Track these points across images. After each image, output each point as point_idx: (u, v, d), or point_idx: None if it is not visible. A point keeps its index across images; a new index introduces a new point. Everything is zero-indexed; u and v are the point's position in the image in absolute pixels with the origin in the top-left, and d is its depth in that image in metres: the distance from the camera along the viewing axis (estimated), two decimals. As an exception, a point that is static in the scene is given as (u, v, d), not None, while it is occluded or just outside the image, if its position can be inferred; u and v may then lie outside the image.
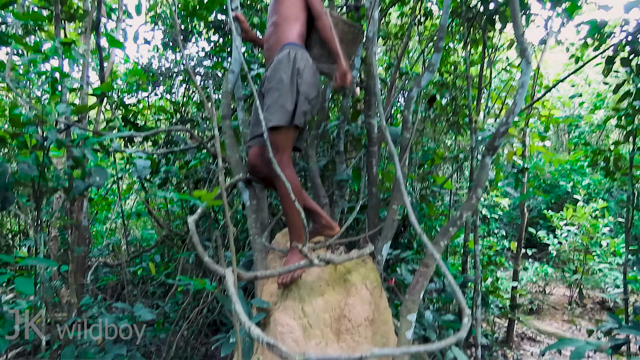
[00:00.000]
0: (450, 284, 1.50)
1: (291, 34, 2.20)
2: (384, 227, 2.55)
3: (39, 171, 2.52)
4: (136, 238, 6.45)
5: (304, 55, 2.14)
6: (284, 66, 2.07)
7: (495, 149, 2.14)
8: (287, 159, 2.15)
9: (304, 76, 2.07)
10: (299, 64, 2.08)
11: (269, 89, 2.11)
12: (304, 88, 2.07)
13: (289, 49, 2.13)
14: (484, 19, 3.29)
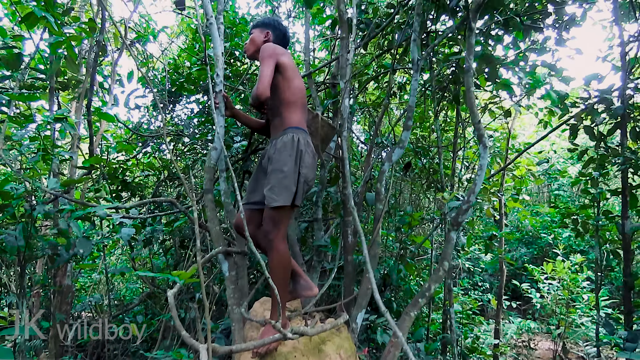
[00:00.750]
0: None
1: (294, 118, 2.39)
2: (359, 295, 2.65)
3: (25, 241, 2.61)
4: (119, 293, 6.41)
5: (305, 139, 2.33)
6: (288, 150, 2.25)
7: (459, 224, 2.28)
8: (283, 234, 2.29)
9: (305, 160, 2.25)
10: (302, 147, 2.27)
11: (274, 170, 2.26)
12: (305, 171, 2.25)
13: (292, 133, 2.31)
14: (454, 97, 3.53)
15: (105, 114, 3.05)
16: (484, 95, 5.24)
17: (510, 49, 4.05)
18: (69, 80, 3.91)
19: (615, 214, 3.59)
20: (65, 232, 2.51)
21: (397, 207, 4.12)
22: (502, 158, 5.13)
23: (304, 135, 2.35)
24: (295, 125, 2.37)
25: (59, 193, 2.70)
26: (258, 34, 2.59)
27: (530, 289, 6.90)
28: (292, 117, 2.39)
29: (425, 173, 4.47)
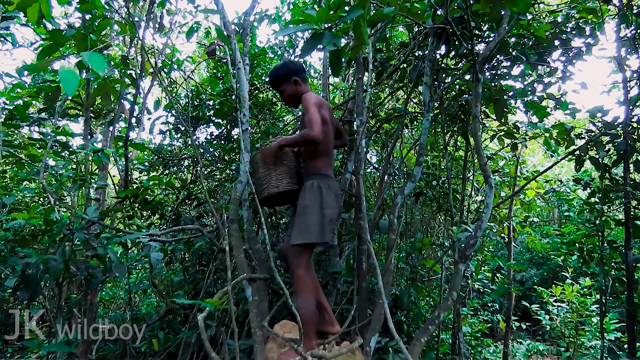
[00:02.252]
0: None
1: (318, 165, 2.71)
2: (372, 319, 2.82)
3: (65, 264, 2.84)
4: (137, 308, 6.62)
5: (327, 184, 2.64)
6: (309, 195, 2.59)
7: (467, 257, 2.46)
8: (304, 264, 2.58)
9: (326, 202, 2.56)
10: (323, 191, 2.59)
11: (298, 212, 2.61)
12: (327, 211, 2.55)
13: (313, 180, 2.64)
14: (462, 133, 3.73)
15: (138, 144, 3.30)
16: (494, 122, 5.43)
17: (518, 81, 4.24)
18: (101, 109, 4.19)
19: (619, 244, 3.73)
20: (103, 258, 2.74)
21: (408, 234, 4.30)
22: (511, 183, 5.29)
23: (325, 181, 2.64)
24: (318, 172, 2.68)
25: (96, 220, 2.93)
26: (289, 87, 2.80)
27: (539, 310, 6.99)
28: (317, 165, 2.69)
29: (436, 198, 4.65)
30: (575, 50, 4.07)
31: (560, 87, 4.25)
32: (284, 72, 2.80)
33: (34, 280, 2.66)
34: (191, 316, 4.68)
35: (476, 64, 2.44)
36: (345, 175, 3.44)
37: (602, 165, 4.00)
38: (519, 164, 5.05)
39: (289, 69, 2.80)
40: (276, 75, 2.82)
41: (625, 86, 3.75)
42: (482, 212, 2.39)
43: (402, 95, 5.00)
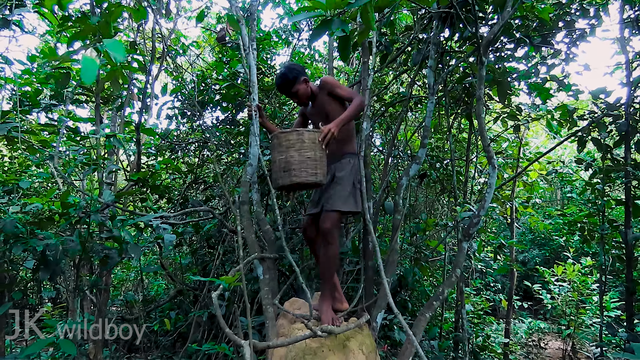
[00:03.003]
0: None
1: (353, 145, 2.93)
2: (379, 297, 2.93)
3: (82, 246, 2.94)
4: (147, 289, 6.78)
5: (358, 162, 2.90)
6: (349, 171, 2.81)
7: (470, 236, 2.55)
8: (339, 228, 2.83)
9: (359, 179, 2.84)
10: (359, 169, 2.88)
11: (337, 184, 2.77)
12: (360, 187, 2.84)
13: (350, 158, 2.87)
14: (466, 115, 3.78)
15: (148, 129, 3.38)
16: (497, 104, 5.47)
17: (521, 63, 4.28)
18: (110, 95, 4.26)
19: (619, 223, 3.81)
20: (119, 239, 2.84)
21: (412, 215, 4.38)
22: (514, 165, 5.35)
23: (358, 159, 2.90)
24: (353, 151, 2.91)
25: (111, 203, 3.03)
26: (302, 86, 2.89)
27: (541, 290, 7.11)
28: (352, 145, 2.93)
29: (440, 180, 4.73)
30: (578, 31, 4.09)
31: (564, 69, 4.27)
32: (293, 74, 2.86)
33: (53, 261, 2.77)
34: (201, 297, 4.83)
35: (480, 47, 2.49)
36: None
37: (604, 146, 4.06)
38: (521, 146, 5.11)
39: (297, 71, 2.88)
40: (287, 80, 2.86)
41: (628, 67, 3.79)
42: (485, 192, 2.47)
43: (406, 79, 5.03)
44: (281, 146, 2.60)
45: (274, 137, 2.66)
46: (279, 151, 2.60)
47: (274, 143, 2.65)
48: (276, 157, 2.63)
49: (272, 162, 2.70)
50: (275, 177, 2.66)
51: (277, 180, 2.64)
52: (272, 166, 2.69)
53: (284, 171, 2.59)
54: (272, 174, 2.70)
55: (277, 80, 2.89)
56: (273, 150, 2.67)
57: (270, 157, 2.78)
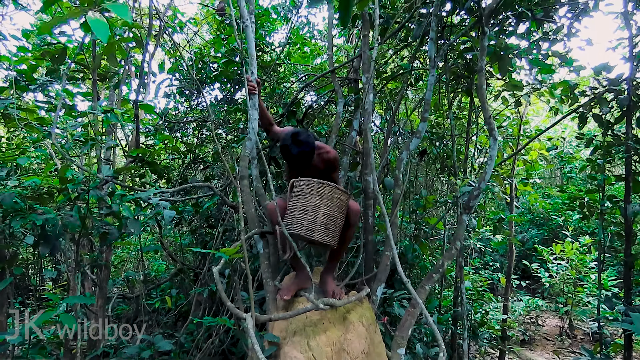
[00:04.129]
0: (429, 322, 1.89)
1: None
2: (378, 271, 2.94)
3: (81, 221, 2.94)
4: (149, 270, 6.82)
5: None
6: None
7: (470, 209, 2.55)
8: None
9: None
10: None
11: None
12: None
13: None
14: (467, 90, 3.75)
15: (146, 105, 3.34)
16: (498, 82, 5.42)
17: (523, 39, 4.22)
18: (106, 72, 4.21)
19: (619, 198, 3.81)
20: (118, 214, 2.83)
21: (413, 191, 4.38)
22: (514, 143, 5.33)
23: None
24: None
25: (109, 178, 3.01)
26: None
27: (539, 268, 7.16)
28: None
29: (440, 158, 4.71)
30: (582, 5, 4.03)
31: (566, 44, 4.22)
32: (312, 144, 2.67)
33: (53, 235, 2.77)
34: (201, 275, 4.85)
35: (482, 17, 2.46)
36: (351, 133, 3.50)
37: (605, 122, 4.04)
38: (522, 123, 5.08)
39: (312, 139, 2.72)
40: (312, 148, 2.66)
41: (630, 42, 3.74)
42: (485, 164, 2.46)
43: (406, 55, 4.97)
44: (311, 195, 2.48)
45: (303, 182, 2.53)
46: (306, 199, 2.48)
47: (302, 185, 2.52)
48: (298, 203, 2.50)
49: (293, 204, 2.53)
50: (291, 221, 2.50)
51: (292, 225, 2.48)
52: (293, 209, 2.52)
53: (325, 228, 2.46)
54: (288, 216, 2.54)
55: (302, 147, 2.61)
56: (300, 192, 2.53)
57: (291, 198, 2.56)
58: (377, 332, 2.80)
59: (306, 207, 2.46)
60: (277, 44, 5.27)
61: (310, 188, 2.48)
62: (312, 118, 4.58)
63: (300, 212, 2.47)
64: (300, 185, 2.52)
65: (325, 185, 2.48)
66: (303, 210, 2.47)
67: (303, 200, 2.48)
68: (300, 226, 2.45)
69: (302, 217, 2.46)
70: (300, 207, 2.48)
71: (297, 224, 2.46)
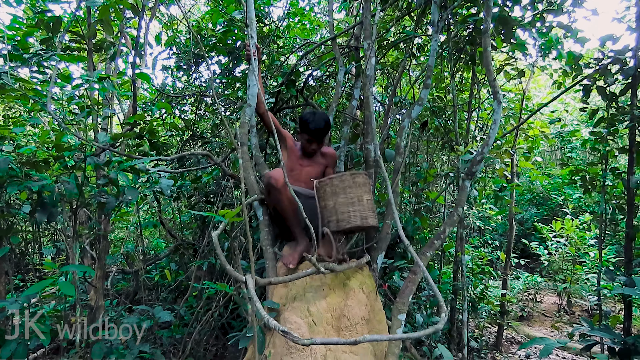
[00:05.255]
0: (430, 284, 1.87)
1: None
2: (379, 239, 2.91)
3: (78, 189, 2.90)
4: (148, 247, 6.82)
5: None
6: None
7: (472, 174, 2.51)
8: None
9: None
10: None
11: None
12: None
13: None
14: (470, 57, 3.68)
15: (142, 74, 3.28)
16: (499, 57, 5.33)
17: (527, 10, 4.14)
18: (102, 42, 4.12)
19: (621, 170, 3.77)
20: (115, 182, 2.79)
21: (414, 163, 4.33)
22: (516, 119, 5.27)
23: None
24: None
25: (107, 146, 2.97)
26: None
27: (538, 246, 7.17)
28: None
29: (441, 132, 4.66)
30: (587, -25, 3.94)
31: (570, 15, 4.14)
32: (328, 120, 2.93)
33: (50, 203, 2.73)
34: (200, 249, 4.84)
35: (488, -24, 2.39)
36: (352, 102, 3.44)
37: (609, 94, 3.98)
38: (524, 98, 5.02)
39: (327, 117, 2.96)
40: (327, 122, 2.90)
41: (638, 10, 3.66)
42: (489, 128, 2.41)
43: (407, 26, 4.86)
44: (350, 187, 2.59)
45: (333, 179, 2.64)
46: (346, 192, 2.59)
47: (334, 182, 2.62)
48: (340, 199, 2.61)
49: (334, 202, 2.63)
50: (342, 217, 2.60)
51: (346, 220, 2.58)
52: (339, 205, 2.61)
53: (356, 213, 2.57)
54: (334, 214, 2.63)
55: (321, 120, 2.85)
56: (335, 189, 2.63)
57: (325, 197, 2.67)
58: (378, 300, 2.79)
59: (352, 199, 2.57)
60: (276, 20, 5.15)
61: (345, 182, 2.60)
62: (312, 91, 4.51)
63: (347, 207, 2.58)
64: (332, 183, 2.62)
65: (357, 174, 2.61)
66: (350, 204, 2.57)
67: (344, 194, 2.58)
68: (355, 218, 2.56)
69: (352, 209, 2.57)
70: (344, 201, 2.58)
71: (351, 217, 2.56)
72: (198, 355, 4.09)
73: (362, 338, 1.35)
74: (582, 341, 3.35)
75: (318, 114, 2.86)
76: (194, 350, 4.11)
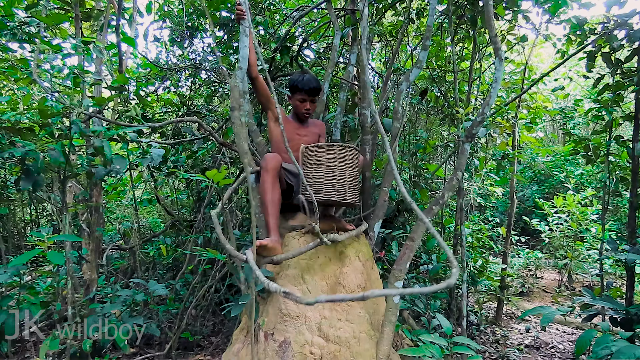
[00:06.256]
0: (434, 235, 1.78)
1: None
2: (376, 207, 2.83)
3: (65, 157, 2.81)
4: (145, 225, 6.76)
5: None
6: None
7: (473, 136, 2.41)
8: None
9: None
10: None
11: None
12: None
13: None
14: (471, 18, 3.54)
15: (127, 38, 3.15)
16: (502, 27, 5.18)
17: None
18: (91, 10, 3.99)
19: (626, 138, 3.67)
20: (101, 149, 2.69)
21: (413, 133, 4.22)
22: (518, 91, 5.14)
23: None
24: None
25: (93, 113, 2.86)
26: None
27: (539, 223, 7.10)
28: None
29: (441, 103, 4.54)
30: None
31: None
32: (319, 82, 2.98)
33: (34, 170, 2.64)
34: (195, 224, 4.77)
35: None
36: (348, 67, 3.32)
37: (615, 60, 3.85)
38: (527, 68, 4.88)
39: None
40: (319, 86, 2.91)
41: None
42: (490, 87, 2.30)
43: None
44: (335, 159, 2.51)
45: (321, 147, 2.55)
46: (330, 163, 2.52)
47: (320, 151, 2.53)
48: (323, 170, 2.53)
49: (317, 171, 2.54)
50: (320, 188, 2.52)
51: (323, 192, 2.50)
52: (319, 176, 2.54)
53: (334, 187, 2.50)
54: (313, 183, 2.54)
55: (312, 78, 2.86)
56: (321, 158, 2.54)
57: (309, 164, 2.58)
58: (374, 269, 2.72)
59: (333, 172, 2.50)
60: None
61: (332, 153, 2.51)
62: (308, 61, 4.38)
63: (328, 178, 2.51)
64: (319, 152, 2.53)
65: (345, 147, 2.53)
66: (331, 176, 2.51)
67: (327, 165, 2.51)
68: (332, 192, 2.49)
69: (332, 182, 2.50)
70: (326, 173, 2.51)
71: (328, 190, 2.50)
72: (195, 330, 4.05)
73: (370, 293, 1.23)
74: (583, 312, 3.30)
75: (307, 74, 2.84)
76: (190, 325, 4.07)
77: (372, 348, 2.28)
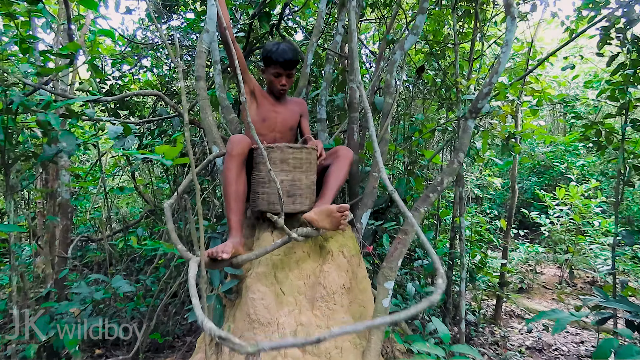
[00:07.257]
0: (422, 240, 1.41)
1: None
2: (364, 195, 2.46)
3: (5, 135, 2.42)
4: (122, 215, 6.38)
5: None
6: None
7: (478, 111, 2.04)
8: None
9: None
10: None
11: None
12: None
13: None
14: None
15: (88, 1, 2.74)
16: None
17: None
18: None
19: (643, 122, 3.32)
20: (45, 124, 2.30)
21: (408, 114, 3.83)
22: (521, 74, 4.78)
23: None
24: None
25: (38, 85, 2.46)
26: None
27: (539, 216, 6.76)
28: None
29: (439, 85, 4.16)
30: None
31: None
32: (297, 51, 2.54)
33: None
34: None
35: None
36: (335, 38, 2.93)
37: (632, 36, 3.49)
38: (532, 47, 4.51)
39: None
40: (297, 57, 2.41)
41: None
42: (500, 52, 1.93)
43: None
44: (287, 164, 2.10)
45: (275, 150, 2.09)
46: (283, 169, 2.10)
47: (273, 157, 2.08)
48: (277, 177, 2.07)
49: (262, 178, 2.14)
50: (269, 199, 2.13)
51: (273, 204, 2.11)
52: (262, 184, 2.14)
53: (288, 196, 2.11)
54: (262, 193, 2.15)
55: (291, 50, 2.37)
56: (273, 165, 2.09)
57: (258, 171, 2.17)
58: (362, 266, 2.34)
59: (295, 180, 2.14)
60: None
61: (286, 156, 2.10)
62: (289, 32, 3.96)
63: (290, 188, 2.13)
64: (284, 153, 2.10)
65: (299, 149, 2.13)
66: (292, 185, 2.13)
67: (281, 171, 2.10)
68: (292, 203, 2.14)
69: (286, 192, 2.12)
70: (287, 181, 2.12)
71: (290, 200, 2.13)
72: (167, 330, 3.68)
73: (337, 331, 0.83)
74: (595, 313, 2.96)
75: (283, 43, 2.36)
76: (163, 324, 3.71)
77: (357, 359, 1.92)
